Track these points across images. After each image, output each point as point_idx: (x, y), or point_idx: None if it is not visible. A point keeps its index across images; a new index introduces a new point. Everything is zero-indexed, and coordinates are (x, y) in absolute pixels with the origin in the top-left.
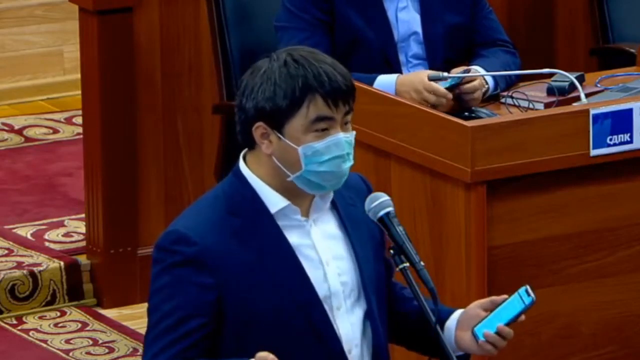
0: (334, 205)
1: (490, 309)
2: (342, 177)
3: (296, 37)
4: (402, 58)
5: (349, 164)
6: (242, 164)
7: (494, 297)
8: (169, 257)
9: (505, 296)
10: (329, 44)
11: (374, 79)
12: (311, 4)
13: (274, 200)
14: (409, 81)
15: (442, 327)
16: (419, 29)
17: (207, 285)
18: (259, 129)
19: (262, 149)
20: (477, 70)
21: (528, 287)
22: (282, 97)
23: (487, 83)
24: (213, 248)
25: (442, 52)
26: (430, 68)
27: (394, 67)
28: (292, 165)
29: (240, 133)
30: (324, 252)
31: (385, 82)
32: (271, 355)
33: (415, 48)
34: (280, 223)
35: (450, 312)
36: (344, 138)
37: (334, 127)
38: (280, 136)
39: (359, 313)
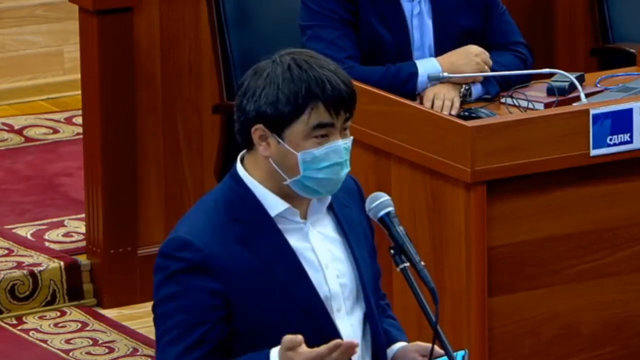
0: (331, 208)
1: (427, 356)
2: (338, 183)
3: (331, 34)
4: None
5: (346, 170)
6: (239, 166)
7: (436, 349)
8: (173, 264)
9: (442, 352)
10: (359, 42)
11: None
12: (339, 4)
13: (273, 204)
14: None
15: (385, 351)
16: (431, 35)
17: (214, 290)
18: (258, 131)
19: (260, 151)
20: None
21: (467, 353)
22: (285, 102)
23: (466, 84)
24: (217, 254)
25: None
26: None
27: None
28: (289, 169)
29: (239, 133)
30: (323, 255)
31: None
32: (294, 337)
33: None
34: (280, 226)
35: (394, 340)
36: (343, 145)
37: (334, 133)
38: (280, 140)
39: (358, 314)
